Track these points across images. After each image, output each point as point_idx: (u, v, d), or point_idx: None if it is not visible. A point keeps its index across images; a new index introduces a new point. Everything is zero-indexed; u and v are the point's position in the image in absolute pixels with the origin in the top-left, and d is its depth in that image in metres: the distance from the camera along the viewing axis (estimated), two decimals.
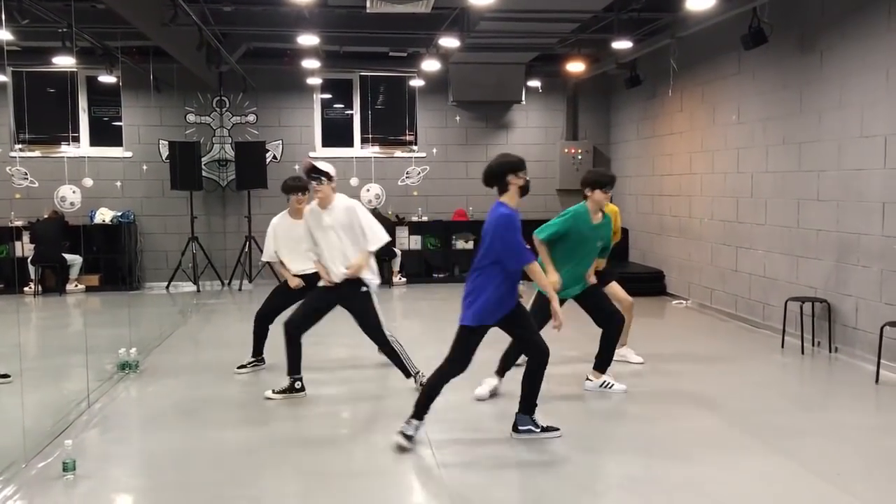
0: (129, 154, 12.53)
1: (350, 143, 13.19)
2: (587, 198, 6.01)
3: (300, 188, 6.88)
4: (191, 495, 4.28)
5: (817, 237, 7.68)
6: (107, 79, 11.29)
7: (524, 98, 13.24)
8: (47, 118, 12.66)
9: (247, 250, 12.36)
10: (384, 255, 12.26)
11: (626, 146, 12.77)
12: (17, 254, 11.68)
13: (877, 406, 5.97)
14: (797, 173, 7.98)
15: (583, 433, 5.23)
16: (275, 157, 12.81)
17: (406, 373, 6.18)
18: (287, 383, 6.03)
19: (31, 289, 11.51)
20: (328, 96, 13.34)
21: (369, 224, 5.94)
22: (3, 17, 6.03)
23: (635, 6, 9.04)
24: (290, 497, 4.25)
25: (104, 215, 12.22)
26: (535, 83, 13.10)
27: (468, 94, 12.97)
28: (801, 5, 7.87)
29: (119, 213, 12.25)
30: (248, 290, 12.20)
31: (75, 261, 11.79)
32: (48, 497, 4.22)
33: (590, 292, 6.12)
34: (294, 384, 6.03)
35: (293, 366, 6.03)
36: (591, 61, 11.82)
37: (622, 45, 9.73)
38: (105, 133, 12.74)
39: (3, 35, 7.35)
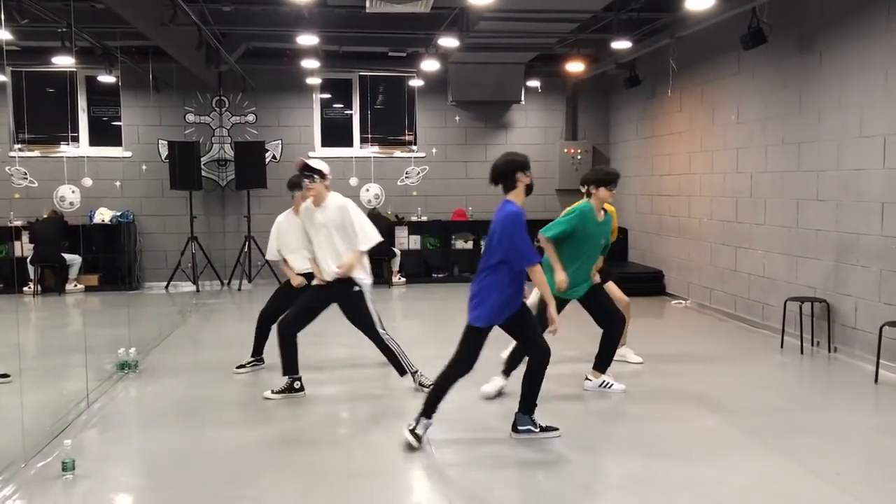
0: (128, 154, 12.53)
1: (349, 143, 13.19)
2: (591, 195, 6.01)
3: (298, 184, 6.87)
4: (190, 495, 4.28)
5: (816, 237, 7.69)
6: (106, 78, 11.29)
7: (523, 98, 13.24)
8: (47, 118, 12.65)
9: (246, 250, 12.37)
10: (383, 255, 12.26)
11: (625, 146, 12.78)
12: (17, 253, 11.69)
13: (876, 406, 5.97)
14: (796, 173, 7.99)
15: (582, 433, 5.23)
16: (274, 157, 12.81)
17: (400, 370, 6.19)
18: (286, 383, 6.02)
19: (30, 288, 11.51)
20: (327, 96, 13.34)
21: (361, 224, 5.93)
22: (2, 16, 6.03)
23: (634, 6, 9.04)
24: (289, 497, 4.25)
25: (103, 215, 12.22)
26: (534, 83, 13.10)
27: (467, 94, 12.97)
28: (800, 5, 7.88)
29: (118, 213, 12.25)
30: (247, 289, 12.21)
31: (74, 261, 11.79)
32: (47, 497, 4.22)
33: (593, 292, 6.13)
34: (293, 384, 6.02)
35: (290, 366, 6.02)
36: (591, 61, 11.83)
37: (621, 45, 9.74)
38: (104, 133, 12.74)
39: (2, 35, 7.34)
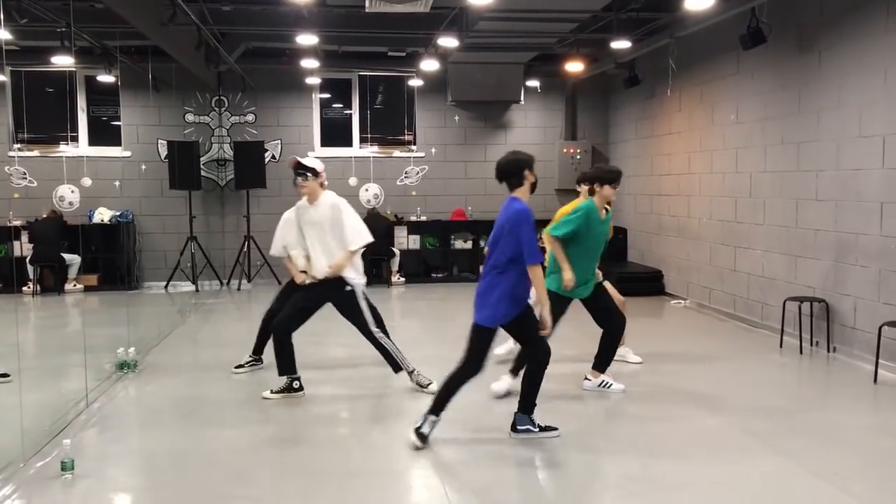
0: (127, 154, 12.53)
1: (349, 143, 13.19)
2: (594, 193, 6.02)
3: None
4: (189, 495, 4.28)
5: (816, 237, 7.69)
6: (105, 78, 11.28)
7: (523, 98, 13.24)
8: (46, 118, 12.64)
9: (245, 250, 12.37)
10: (382, 255, 12.26)
11: (624, 146, 12.78)
12: (16, 253, 11.69)
13: (875, 406, 5.97)
14: (796, 173, 7.99)
15: (581, 433, 5.24)
16: (273, 157, 12.80)
17: (395, 368, 6.19)
18: (285, 383, 6.01)
19: (29, 288, 11.51)
20: (327, 96, 13.34)
21: (352, 223, 5.92)
22: (1, 16, 6.03)
23: (634, 6, 9.04)
24: (288, 496, 4.25)
25: (103, 215, 12.22)
26: (533, 83, 13.10)
27: (467, 94, 12.97)
28: (799, 5, 7.88)
29: (118, 213, 12.25)
30: (246, 289, 12.21)
31: (74, 260, 11.78)
32: (46, 496, 4.22)
33: (595, 291, 6.14)
34: (292, 384, 6.02)
35: (287, 366, 6.01)
36: (590, 61, 11.84)
37: (621, 44, 9.74)
38: (104, 132, 12.73)
39: (2, 34, 7.35)
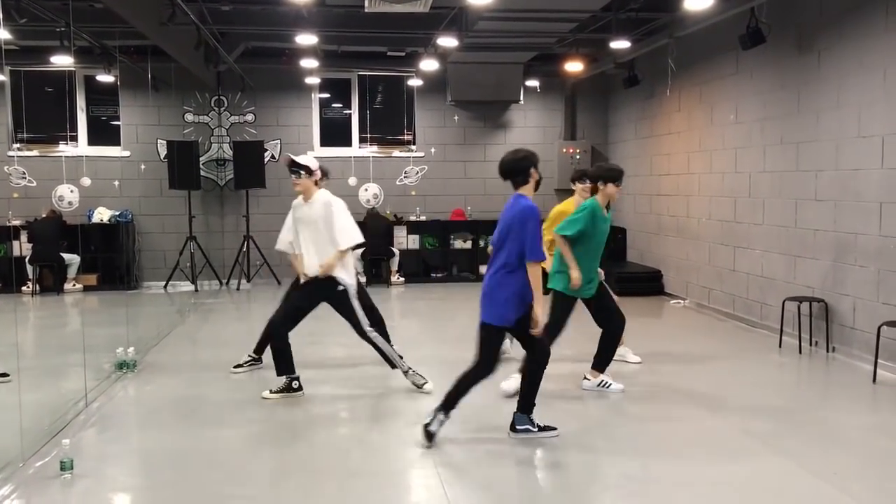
0: (127, 153, 12.53)
1: (348, 143, 13.19)
2: (598, 191, 6.02)
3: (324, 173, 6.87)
4: (188, 494, 4.28)
5: (815, 237, 7.69)
6: (105, 78, 11.28)
7: (522, 98, 13.24)
8: (45, 117, 12.65)
9: (245, 250, 12.36)
10: (382, 255, 12.27)
11: (624, 146, 12.78)
12: (15, 253, 11.69)
13: (874, 406, 5.98)
14: (795, 173, 7.99)
15: (580, 433, 5.24)
16: (273, 157, 12.80)
17: (391, 364, 6.21)
18: (284, 383, 6.01)
19: (28, 288, 11.51)
20: (326, 96, 13.34)
21: (343, 222, 5.90)
22: (1, 15, 6.03)
23: (633, 6, 9.05)
24: (287, 496, 4.25)
25: (102, 214, 12.21)
26: (533, 83, 13.10)
27: (466, 94, 12.97)
28: (798, 5, 7.88)
29: (117, 213, 12.24)
30: (245, 289, 12.20)
31: (73, 260, 11.78)
32: (45, 496, 4.22)
33: (598, 290, 6.14)
34: (291, 383, 6.01)
35: (285, 366, 6.01)
36: (590, 61, 11.84)
37: (620, 44, 9.75)
38: (103, 132, 12.73)
39: (1, 34, 7.35)
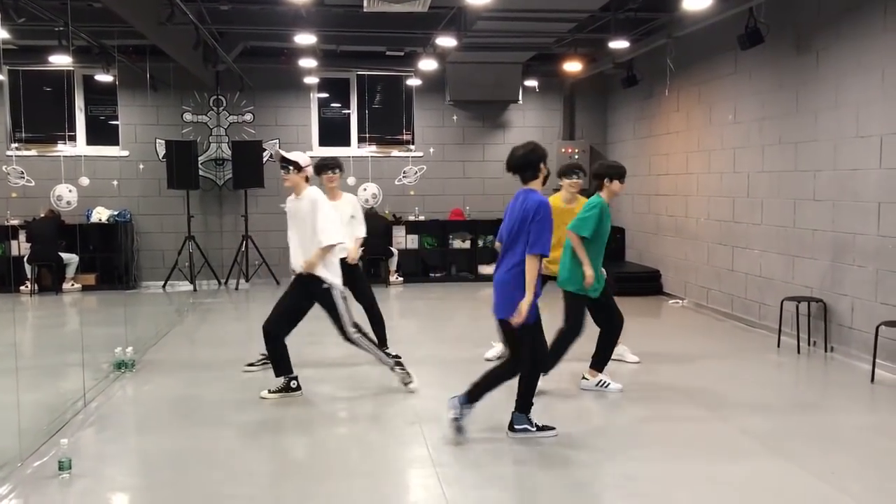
0: (125, 153, 12.52)
1: (347, 143, 13.18)
2: (602, 188, 6.04)
3: (330, 166, 6.87)
4: (186, 494, 4.28)
5: (813, 237, 7.70)
6: (103, 77, 11.27)
7: (521, 97, 13.23)
8: (44, 117, 12.63)
9: (243, 249, 12.36)
10: (381, 255, 12.26)
11: (622, 146, 12.78)
12: (14, 253, 11.68)
13: (872, 405, 5.98)
14: (793, 173, 8.00)
15: (579, 432, 5.24)
16: (271, 157, 12.80)
17: (384, 356, 6.22)
18: (282, 383, 6.01)
19: (27, 288, 11.50)
20: (325, 95, 13.33)
21: (324, 220, 5.85)
22: None
23: (632, 6, 9.05)
24: (286, 496, 4.25)
25: (101, 214, 12.20)
26: (532, 83, 13.10)
27: (465, 94, 12.97)
28: (797, 5, 7.89)
29: (115, 212, 12.24)
30: (244, 289, 12.20)
31: (72, 260, 11.78)
32: (44, 496, 4.22)
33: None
34: (289, 383, 6.01)
35: (283, 366, 6.01)
36: (588, 61, 11.85)
37: (619, 44, 9.75)
38: (102, 132, 12.72)
39: None
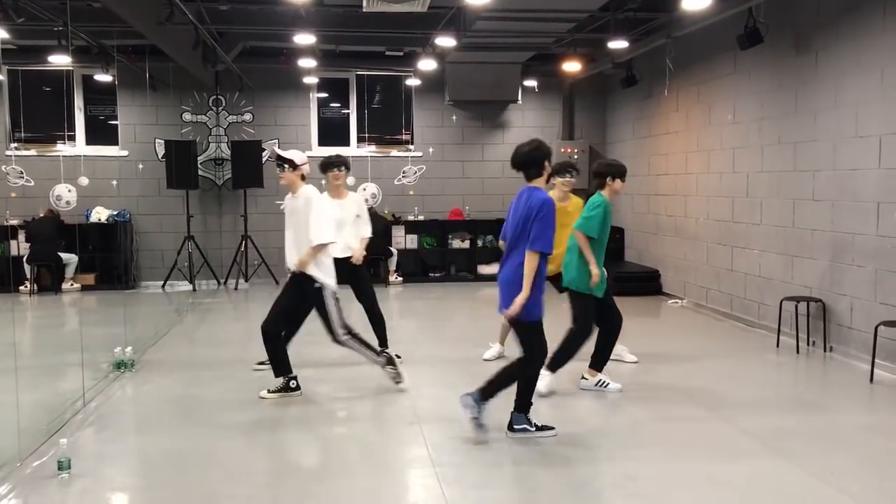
0: (125, 153, 12.52)
1: (346, 143, 13.17)
2: (604, 187, 6.05)
3: (336, 164, 6.86)
4: (186, 494, 4.28)
5: (812, 237, 7.70)
6: (103, 77, 11.27)
7: (520, 97, 13.24)
8: (43, 117, 12.63)
9: (243, 249, 12.36)
10: (380, 255, 12.25)
11: (622, 146, 12.78)
12: (13, 252, 11.68)
13: (871, 405, 5.99)
14: (792, 173, 8.00)
15: (578, 432, 5.24)
16: (270, 157, 12.79)
17: (373, 356, 6.19)
18: (281, 382, 6.01)
19: (26, 288, 11.50)
20: (324, 95, 13.33)
21: (317, 219, 5.84)
22: None
23: (631, 6, 9.06)
24: (285, 496, 4.25)
25: (100, 214, 12.20)
26: (531, 83, 13.11)
27: (464, 94, 12.97)
28: (796, 5, 7.89)
29: (115, 212, 12.24)
30: (244, 289, 12.20)
31: (71, 260, 11.77)
32: (43, 496, 4.22)
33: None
34: (289, 383, 6.01)
35: (282, 366, 6.01)
36: (588, 61, 11.85)
37: (618, 44, 9.75)
38: (101, 132, 12.72)
39: None
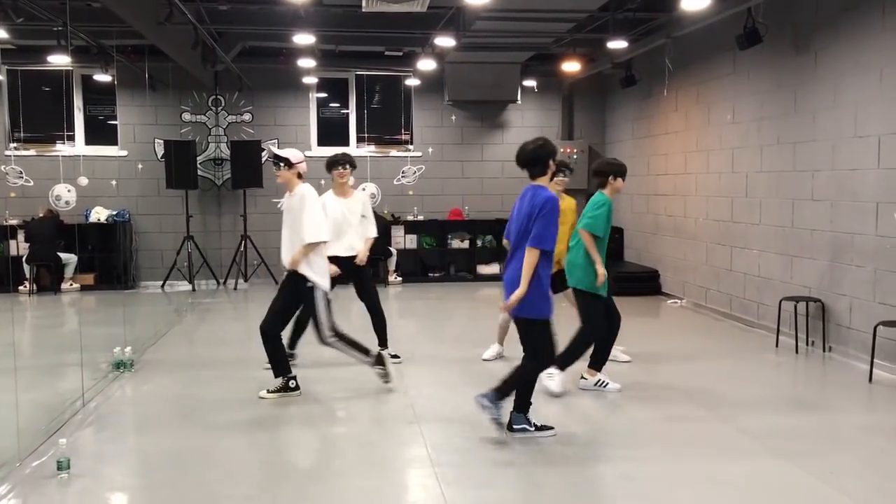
0: (124, 153, 12.52)
1: (346, 143, 13.17)
2: (605, 185, 6.06)
3: (341, 162, 6.87)
4: (185, 494, 4.28)
5: (811, 237, 7.71)
6: (102, 77, 11.27)
7: (520, 97, 13.24)
8: (42, 117, 12.63)
9: (242, 249, 12.36)
10: (380, 255, 12.25)
11: (621, 146, 12.79)
12: (13, 252, 11.67)
13: (870, 405, 5.99)
14: (791, 173, 8.00)
15: (577, 432, 5.24)
16: (269, 156, 12.78)
17: (362, 356, 6.17)
18: (281, 382, 6.01)
19: (25, 288, 11.50)
20: (324, 95, 13.33)
21: (311, 216, 5.82)
22: None
23: (630, 6, 9.06)
24: (284, 496, 4.25)
25: (99, 214, 12.20)
26: (530, 83, 13.11)
27: (464, 94, 12.97)
28: (795, 5, 7.90)
29: (114, 212, 12.23)
30: (243, 289, 12.20)
31: (70, 260, 11.77)
32: (42, 496, 4.22)
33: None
34: (288, 383, 6.01)
35: (281, 366, 6.01)
36: (587, 61, 11.85)
37: (617, 44, 9.76)
38: (100, 132, 12.71)
39: None
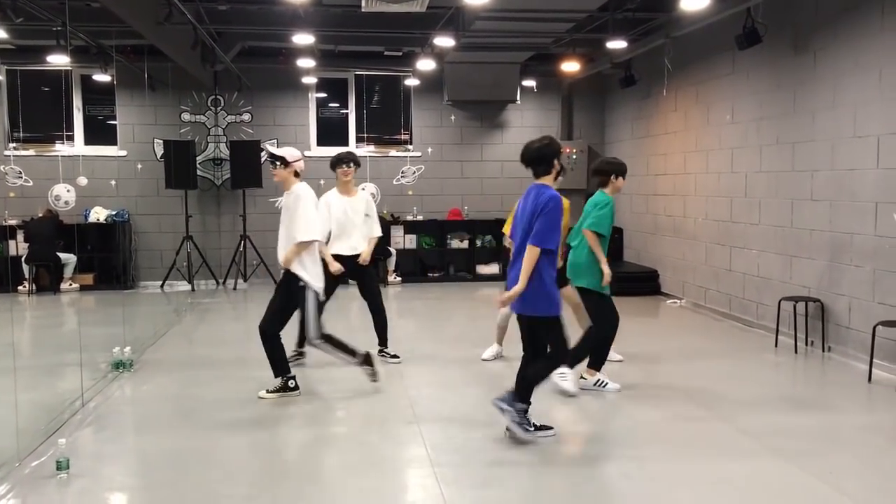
0: (123, 153, 12.52)
1: (345, 143, 13.16)
2: (607, 184, 6.08)
3: (345, 160, 6.89)
4: (184, 494, 4.28)
5: (811, 237, 7.71)
6: (101, 77, 11.28)
7: (519, 97, 13.24)
8: (41, 117, 12.63)
9: (241, 249, 12.36)
10: (379, 255, 12.25)
11: (620, 146, 12.79)
12: (12, 253, 11.66)
13: (869, 405, 5.99)
14: (791, 173, 8.01)
15: (577, 432, 5.25)
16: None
17: (349, 357, 6.17)
18: (280, 382, 6.01)
19: (25, 288, 11.49)
20: (323, 95, 13.33)
21: (304, 215, 5.82)
22: None
23: (630, 6, 9.06)
24: (284, 496, 4.25)
25: (99, 214, 12.19)
26: (530, 83, 13.11)
27: (463, 94, 12.97)
28: (794, 5, 7.90)
29: (114, 212, 12.23)
30: (242, 289, 12.20)
31: (70, 260, 11.76)
32: (42, 496, 4.22)
33: None
34: (287, 383, 6.01)
35: (280, 366, 6.00)
36: (586, 61, 11.85)
37: (617, 44, 9.76)
38: (100, 132, 12.71)
39: None
